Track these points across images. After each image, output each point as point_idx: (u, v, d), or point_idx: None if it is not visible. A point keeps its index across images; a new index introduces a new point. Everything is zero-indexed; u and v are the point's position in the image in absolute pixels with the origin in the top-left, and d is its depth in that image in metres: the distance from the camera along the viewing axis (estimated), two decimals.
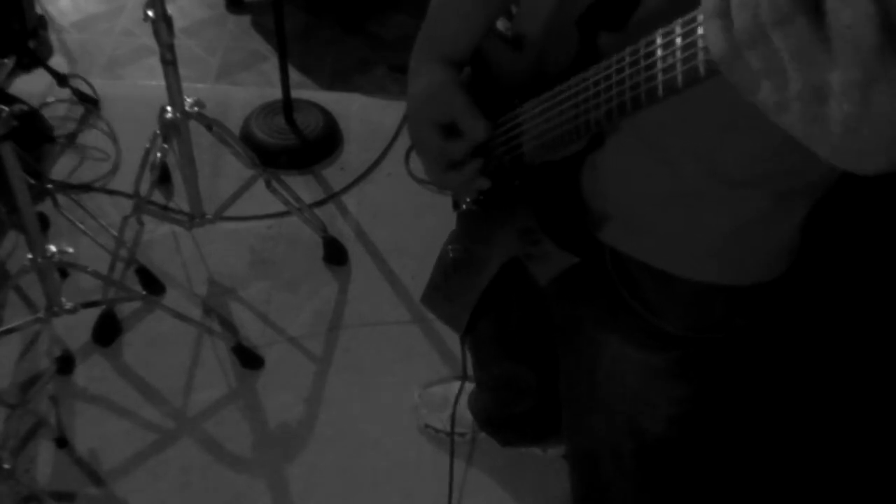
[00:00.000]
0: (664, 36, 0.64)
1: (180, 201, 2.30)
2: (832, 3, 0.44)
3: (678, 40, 0.61)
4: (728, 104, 0.53)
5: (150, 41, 1.84)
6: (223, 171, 2.43)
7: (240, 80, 2.84)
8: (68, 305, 1.83)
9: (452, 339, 2.09)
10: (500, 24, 1.05)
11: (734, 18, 0.49)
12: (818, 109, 0.47)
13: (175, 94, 1.87)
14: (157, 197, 2.32)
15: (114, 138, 2.52)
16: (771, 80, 0.48)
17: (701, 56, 0.59)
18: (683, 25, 0.61)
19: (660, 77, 0.65)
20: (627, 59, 0.69)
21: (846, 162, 0.50)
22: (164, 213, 2.26)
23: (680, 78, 0.62)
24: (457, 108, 0.97)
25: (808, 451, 1.62)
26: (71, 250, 1.80)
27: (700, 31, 0.58)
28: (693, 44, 0.60)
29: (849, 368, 1.55)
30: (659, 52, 0.64)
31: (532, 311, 1.27)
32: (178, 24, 1.81)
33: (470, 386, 1.79)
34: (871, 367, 1.53)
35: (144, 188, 2.02)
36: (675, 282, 0.95)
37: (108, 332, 2.06)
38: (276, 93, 2.53)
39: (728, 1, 0.49)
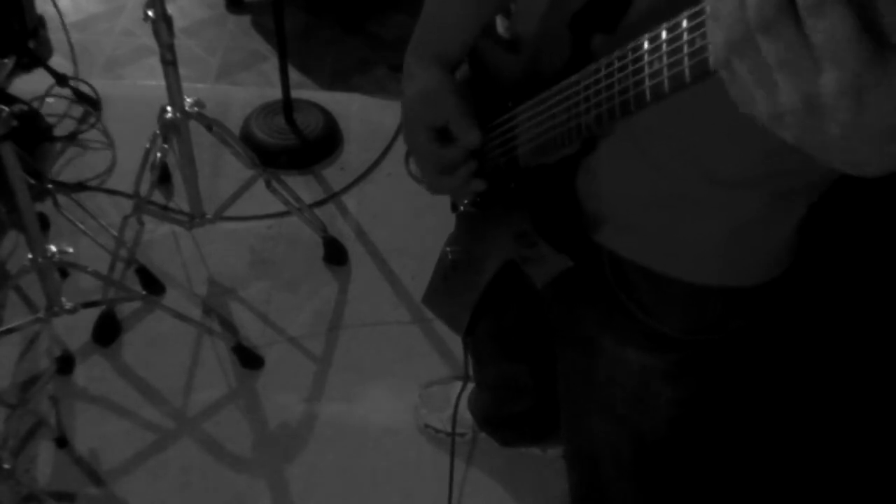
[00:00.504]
0: (651, 41, 0.63)
1: (180, 201, 2.30)
2: (806, 16, 0.44)
3: (664, 45, 0.61)
4: (719, 108, 0.53)
5: (150, 41, 1.84)
6: (223, 171, 2.43)
7: (240, 80, 2.84)
8: (68, 305, 1.83)
9: (452, 339, 2.09)
10: (500, 24, 1.05)
11: (724, 21, 0.49)
12: (812, 120, 0.47)
13: (175, 94, 1.87)
14: (157, 197, 2.32)
15: (114, 138, 2.52)
16: (763, 89, 0.49)
17: (686, 61, 0.59)
18: (669, 31, 0.61)
19: (647, 82, 0.64)
20: (616, 64, 0.69)
21: (849, 167, 0.51)
22: (164, 213, 2.26)
23: (666, 83, 0.62)
24: (450, 112, 0.97)
25: (808, 451, 1.62)
26: (71, 250, 1.80)
27: (686, 36, 0.58)
28: (679, 49, 0.59)
29: (848, 369, 1.55)
30: (646, 58, 0.64)
31: (530, 312, 1.28)
32: (178, 24, 1.81)
33: (470, 386, 1.79)
34: (871, 368, 1.53)
35: (144, 188, 2.03)
36: (672, 284, 0.95)
37: (108, 332, 2.06)
38: (276, 93, 2.53)
39: (722, 5, 0.49)
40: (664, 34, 0.61)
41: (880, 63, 0.43)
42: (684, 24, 0.58)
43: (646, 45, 0.64)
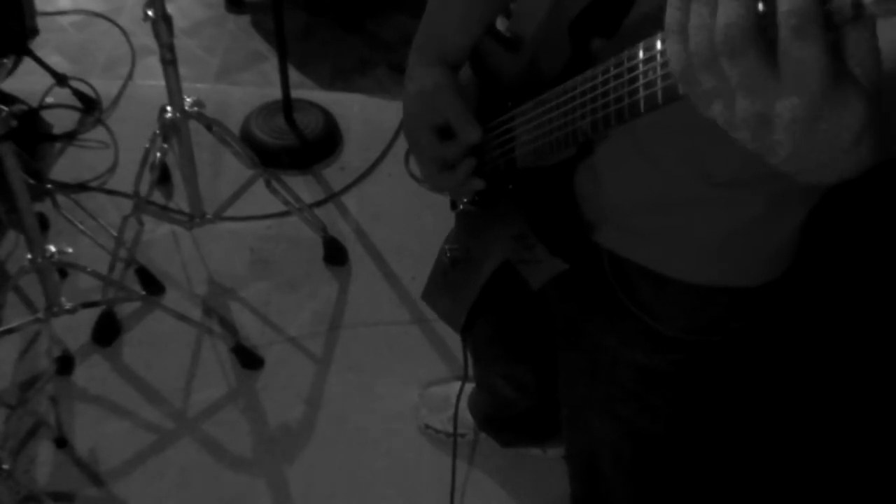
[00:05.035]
0: (646, 50, 0.63)
1: (180, 201, 2.30)
2: (785, 40, 0.45)
3: (658, 56, 0.61)
4: None
5: (150, 41, 1.84)
6: (223, 171, 2.43)
7: (240, 80, 2.84)
8: (68, 305, 1.83)
9: (452, 340, 2.09)
10: (500, 24, 1.05)
11: (690, 39, 0.50)
12: (765, 134, 0.49)
13: (175, 94, 1.87)
14: (157, 197, 2.31)
15: (113, 138, 2.52)
16: (721, 101, 0.50)
17: None
18: (664, 41, 0.60)
19: (641, 92, 0.64)
20: (612, 72, 0.69)
21: (798, 174, 0.53)
22: (164, 213, 2.26)
23: (660, 94, 0.62)
24: (451, 110, 0.97)
25: (808, 451, 1.62)
26: (70, 250, 1.80)
27: None
28: None
29: (847, 370, 1.55)
30: (640, 67, 0.64)
31: (532, 312, 1.27)
32: (177, 23, 1.81)
33: (470, 386, 1.78)
34: (870, 369, 1.53)
35: (144, 188, 2.02)
36: (673, 284, 0.95)
37: (107, 332, 2.06)
38: (276, 93, 2.53)
39: (686, 20, 0.50)
40: (658, 44, 0.61)
41: (839, 93, 0.45)
42: None
43: (640, 55, 0.64)
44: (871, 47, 0.45)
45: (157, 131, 1.94)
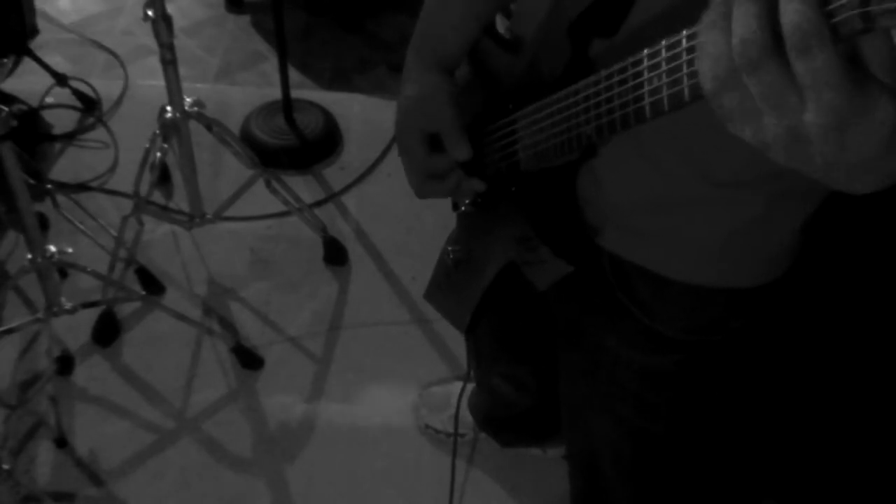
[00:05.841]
0: (650, 57, 0.63)
1: (180, 201, 2.30)
2: (793, 55, 0.45)
3: (663, 63, 0.61)
4: None
5: (150, 41, 1.84)
6: (223, 171, 2.43)
7: (240, 80, 2.84)
8: (68, 305, 1.83)
9: (452, 340, 2.09)
10: (500, 24, 1.05)
11: (710, 59, 0.50)
12: (797, 147, 0.49)
13: (175, 94, 1.87)
14: (157, 197, 2.31)
15: (113, 138, 2.52)
16: (749, 122, 0.50)
17: (686, 81, 0.59)
18: (668, 48, 0.60)
19: (646, 98, 0.64)
20: (616, 77, 0.69)
21: (835, 185, 0.53)
22: (164, 213, 2.26)
23: (666, 101, 0.62)
24: (444, 123, 0.97)
25: (808, 451, 1.62)
26: (70, 250, 1.80)
27: (685, 56, 0.58)
28: (678, 68, 0.59)
29: (848, 370, 1.55)
30: (645, 74, 0.64)
31: (533, 312, 1.27)
32: (177, 23, 1.81)
33: (471, 386, 1.78)
34: (871, 370, 1.53)
35: (144, 188, 2.02)
36: (673, 284, 0.95)
37: (107, 332, 2.06)
38: (276, 93, 2.53)
39: (709, 41, 0.50)
40: (664, 52, 0.61)
41: (862, 99, 0.45)
42: (683, 43, 0.58)
43: (645, 62, 0.63)
44: (890, 51, 0.45)
45: (157, 131, 1.94)
